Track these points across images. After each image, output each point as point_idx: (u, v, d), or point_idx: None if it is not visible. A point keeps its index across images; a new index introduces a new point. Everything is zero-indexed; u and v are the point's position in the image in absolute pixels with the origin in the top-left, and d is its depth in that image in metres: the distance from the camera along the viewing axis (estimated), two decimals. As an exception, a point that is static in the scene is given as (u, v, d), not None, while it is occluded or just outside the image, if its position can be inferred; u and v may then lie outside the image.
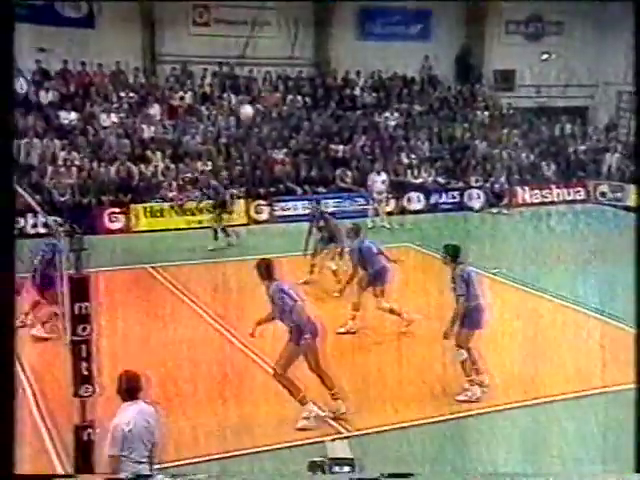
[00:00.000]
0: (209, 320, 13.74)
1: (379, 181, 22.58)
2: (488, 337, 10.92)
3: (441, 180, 25.72)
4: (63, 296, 8.45)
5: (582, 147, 28.78)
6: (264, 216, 23.07)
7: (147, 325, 13.22)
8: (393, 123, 27.24)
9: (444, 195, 25.13)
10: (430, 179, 25.57)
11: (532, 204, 25.67)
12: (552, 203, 25.92)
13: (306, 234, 15.89)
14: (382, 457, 8.69)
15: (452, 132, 27.49)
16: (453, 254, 10.31)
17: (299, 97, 27.07)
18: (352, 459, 6.97)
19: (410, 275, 14.84)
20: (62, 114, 23.67)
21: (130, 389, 7.01)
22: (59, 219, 12.75)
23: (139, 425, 6.95)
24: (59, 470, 8.61)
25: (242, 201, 22.79)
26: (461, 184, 25.68)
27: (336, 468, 6.83)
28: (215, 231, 19.12)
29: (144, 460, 7.00)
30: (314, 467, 7.04)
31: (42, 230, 18.77)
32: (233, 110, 25.87)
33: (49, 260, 12.01)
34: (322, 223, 15.75)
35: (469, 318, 10.10)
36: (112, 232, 21.09)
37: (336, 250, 15.28)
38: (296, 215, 22.08)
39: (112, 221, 21.70)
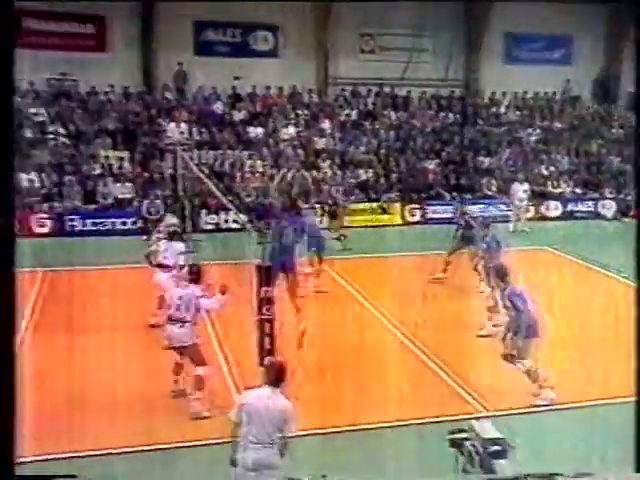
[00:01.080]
0: (365, 304, 14.10)
1: (521, 190, 22.47)
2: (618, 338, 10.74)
3: (578, 191, 25.35)
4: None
5: None
6: (417, 218, 23.40)
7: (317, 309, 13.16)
8: (534, 138, 26.95)
9: (580, 204, 24.74)
10: (568, 189, 25.25)
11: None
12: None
13: (454, 234, 15.38)
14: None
15: (589, 148, 26.95)
16: (501, 275, 10.03)
17: (450, 114, 27.17)
18: (503, 439, 6.57)
19: (543, 275, 14.80)
20: (250, 129, 24.57)
21: (274, 377, 6.72)
22: (247, 217, 13.58)
23: (257, 406, 6.56)
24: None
25: (398, 204, 23.30)
26: (596, 195, 25.17)
27: (489, 447, 6.46)
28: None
29: (263, 442, 6.49)
30: (455, 443, 6.80)
31: (233, 225, 19.97)
32: (393, 125, 26.30)
33: None
34: (463, 223, 15.02)
35: (526, 329, 9.60)
36: (287, 229, 21.82)
37: (474, 252, 14.13)
38: (445, 218, 22.26)
39: (288, 219, 22.50)
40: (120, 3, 23.99)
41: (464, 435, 6.82)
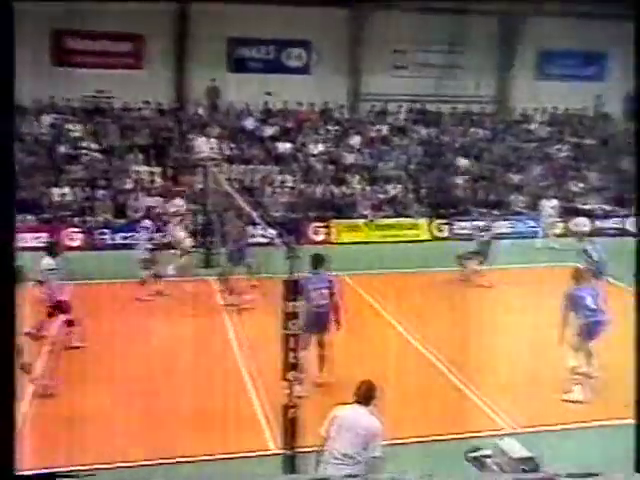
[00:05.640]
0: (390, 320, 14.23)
1: (549, 206, 22.19)
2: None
3: (607, 207, 24.92)
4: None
5: None
6: (445, 233, 23.19)
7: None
8: (564, 154, 26.66)
9: (609, 221, 24.32)
10: (597, 206, 24.85)
11: (694, 232, 24.14)
12: None
13: None
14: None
15: (619, 164, 26.49)
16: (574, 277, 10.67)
17: (480, 130, 27.04)
18: (533, 458, 6.46)
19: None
20: (279, 145, 24.76)
21: (363, 395, 6.60)
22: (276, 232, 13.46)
23: (347, 420, 6.46)
24: (271, 445, 9.04)
25: (426, 220, 23.08)
26: (625, 211, 24.74)
27: (519, 466, 6.35)
28: None
29: (346, 460, 6.36)
30: (473, 460, 6.73)
31: (261, 240, 19.82)
32: (423, 141, 26.21)
33: None
34: None
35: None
36: (315, 243, 21.13)
37: None
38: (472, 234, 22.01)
39: (316, 234, 22.37)
40: (157, 22, 24.39)
41: (485, 453, 6.81)
